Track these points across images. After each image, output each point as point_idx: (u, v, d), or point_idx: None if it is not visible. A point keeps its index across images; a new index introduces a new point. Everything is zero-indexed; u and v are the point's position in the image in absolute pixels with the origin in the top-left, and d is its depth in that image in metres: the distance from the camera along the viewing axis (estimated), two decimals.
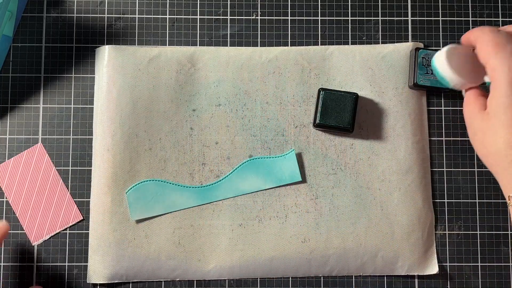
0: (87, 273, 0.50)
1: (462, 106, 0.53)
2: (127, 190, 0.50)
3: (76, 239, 0.51)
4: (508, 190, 0.39)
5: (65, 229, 0.51)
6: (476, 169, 0.52)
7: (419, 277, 0.51)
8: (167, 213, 0.50)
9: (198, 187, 0.50)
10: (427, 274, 0.50)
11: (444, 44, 0.54)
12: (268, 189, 0.50)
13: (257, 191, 0.50)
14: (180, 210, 0.50)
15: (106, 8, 0.53)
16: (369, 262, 0.50)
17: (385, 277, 0.51)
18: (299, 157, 0.51)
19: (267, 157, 0.51)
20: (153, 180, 0.50)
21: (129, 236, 0.49)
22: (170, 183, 0.50)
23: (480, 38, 0.41)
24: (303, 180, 0.51)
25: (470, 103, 0.42)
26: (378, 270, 0.50)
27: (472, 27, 0.54)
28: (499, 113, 0.39)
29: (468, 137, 0.52)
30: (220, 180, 0.50)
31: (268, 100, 0.51)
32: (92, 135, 0.52)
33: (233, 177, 0.50)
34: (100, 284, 0.50)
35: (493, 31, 0.41)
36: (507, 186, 0.39)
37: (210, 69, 0.52)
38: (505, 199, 0.52)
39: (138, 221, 0.50)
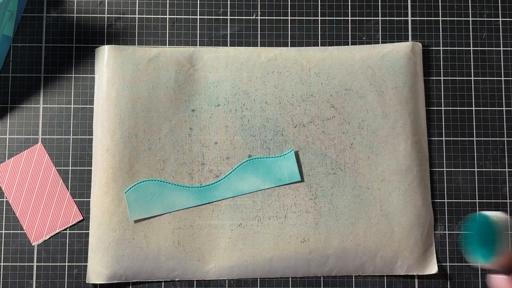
0: (87, 274, 0.50)
1: (461, 106, 0.53)
2: (126, 190, 0.50)
3: (76, 239, 0.51)
4: None
5: (65, 229, 0.51)
6: (476, 169, 0.52)
7: (419, 277, 0.51)
8: (166, 213, 0.50)
9: (198, 187, 0.50)
10: (427, 274, 0.50)
11: (444, 44, 0.54)
12: (267, 189, 0.50)
13: (256, 191, 0.50)
14: (179, 210, 0.50)
15: (106, 8, 0.53)
16: (369, 262, 0.50)
17: (385, 277, 0.51)
18: (298, 157, 0.51)
19: (266, 157, 0.51)
20: (152, 180, 0.50)
21: (128, 236, 0.49)
22: (169, 183, 0.50)
23: None
24: (302, 180, 0.51)
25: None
26: (378, 270, 0.50)
27: (472, 27, 0.54)
28: None
29: (468, 137, 0.53)
30: (219, 180, 0.50)
31: (267, 99, 0.51)
32: (92, 135, 0.52)
33: (232, 177, 0.50)
34: (100, 285, 0.50)
35: None
36: None
37: (209, 70, 0.52)
38: (505, 199, 0.52)
39: (137, 221, 0.50)
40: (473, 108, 0.53)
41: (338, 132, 0.51)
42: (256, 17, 0.54)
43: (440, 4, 0.54)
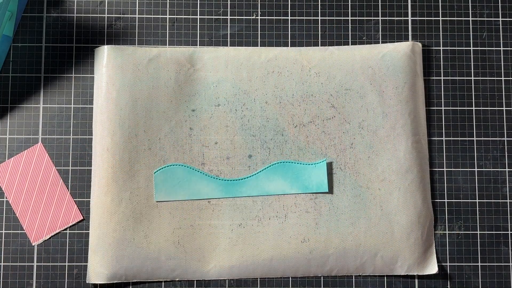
0: (87, 274, 0.50)
1: (461, 106, 0.53)
2: (155, 171, 0.50)
3: (76, 239, 0.51)
4: None
5: (65, 229, 0.51)
6: (476, 169, 0.52)
7: (419, 277, 0.51)
8: (190, 200, 0.50)
9: (225, 180, 0.50)
10: (427, 274, 0.50)
11: (444, 44, 0.54)
12: (292, 194, 0.50)
13: (282, 194, 0.50)
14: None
15: (106, 8, 0.53)
16: (369, 262, 0.50)
17: (385, 277, 0.51)
18: (298, 157, 0.51)
19: (298, 163, 0.50)
20: (182, 165, 0.50)
21: (129, 236, 0.49)
22: (198, 171, 0.50)
23: None
24: (331, 191, 0.51)
25: None
26: (378, 270, 0.50)
27: (472, 27, 0.54)
28: None
29: (468, 137, 0.53)
30: (247, 177, 0.50)
31: (268, 99, 0.51)
32: (92, 135, 0.52)
33: (260, 176, 0.50)
34: (100, 285, 0.50)
35: None
36: None
37: (209, 69, 0.52)
38: (505, 199, 0.52)
39: (138, 221, 0.50)
40: (473, 108, 0.53)
41: (338, 132, 0.51)
42: (256, 17, 0.54)
43: (440, 4, 0.54)
